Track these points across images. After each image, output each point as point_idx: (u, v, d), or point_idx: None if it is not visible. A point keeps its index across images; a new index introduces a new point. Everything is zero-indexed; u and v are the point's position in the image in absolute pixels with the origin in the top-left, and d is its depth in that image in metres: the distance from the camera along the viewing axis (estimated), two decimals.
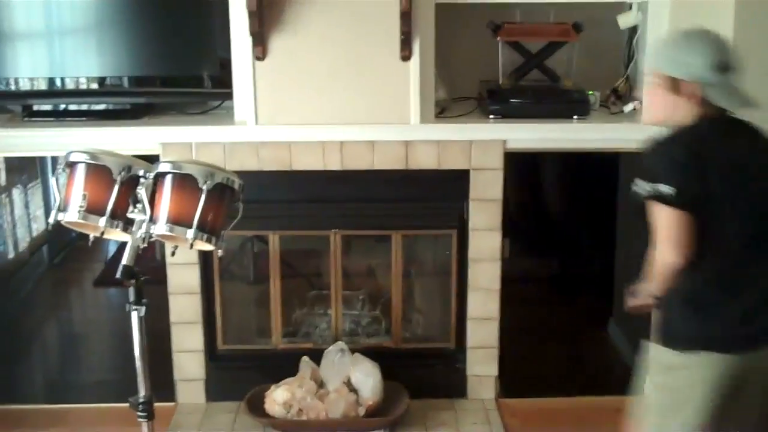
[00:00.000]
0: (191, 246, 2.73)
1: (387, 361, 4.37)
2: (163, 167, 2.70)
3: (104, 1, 4.30)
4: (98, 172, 2.67)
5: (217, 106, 4.35)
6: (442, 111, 4.30)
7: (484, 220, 4.30)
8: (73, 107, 4.40)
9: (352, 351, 4.36)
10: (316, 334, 4.62)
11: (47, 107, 4.37)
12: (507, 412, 4.42)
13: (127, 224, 2.72)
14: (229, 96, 4.18)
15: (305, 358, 4.34)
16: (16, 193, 5.48)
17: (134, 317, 2.67)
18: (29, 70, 4.34)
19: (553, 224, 4.64)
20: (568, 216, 4.65)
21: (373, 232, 4.48)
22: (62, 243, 6.31)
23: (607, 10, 4.31)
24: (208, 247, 2.76)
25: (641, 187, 2.85)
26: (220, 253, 2.78)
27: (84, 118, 4.34)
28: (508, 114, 4.23)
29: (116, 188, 2.65)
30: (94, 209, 2.65)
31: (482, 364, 4.48)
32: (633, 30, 4.36)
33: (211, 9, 4.17)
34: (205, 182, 2.67)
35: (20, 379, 4.86)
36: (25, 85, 4.33)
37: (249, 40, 3.94)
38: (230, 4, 4.00)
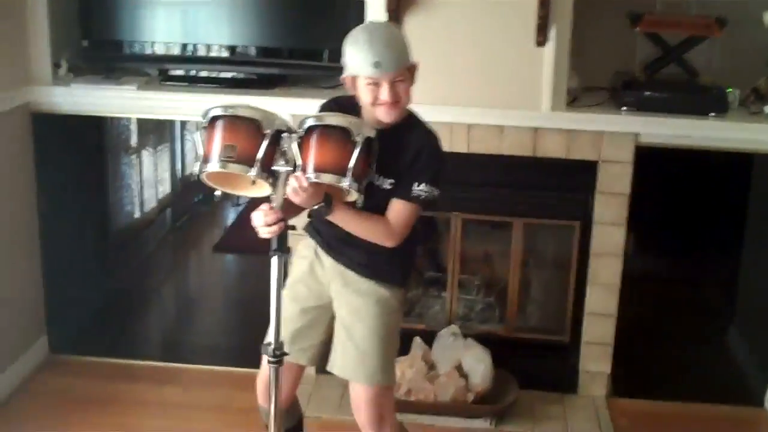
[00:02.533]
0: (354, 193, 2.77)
1: (499, 349, 4.32)
2: (311, 121, 2.73)
3: None
4: (246, 125, 2.69)
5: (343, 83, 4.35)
6: (574, 100, 4.22)
7: (610, 214, 4.20)
8: (203, 74, 4.47)
9: (465, 336, 4.33)
10: (429, 315, 4.60)
11: (180, 72, 4.44)
12: (617, 411, 4.32)
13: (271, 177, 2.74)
14: None
15: (417, 339, 4.33)
16: (146, 155, 5.62)
17: (274, 262, 2.69)
18: (165, 35, 4.42)
19: (680, 223, 4.54)
20: (695, 216, 4.54)
21: (495, 217, 4.43)
22: (185, 207, 6.48)
23: (753, 6, 4.19)
24: (355, 196, 2.78)
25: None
26: (359, 202, 2.79)
27: (215, 85, 4.39)
28: (641, 107, 4.13)
29: (266, 141, 2.67)
30: (243, 160, 2.67)
31: (596, 360, 4.40)
32: None
33: None
34: (358, 135, 2.71)
35: (139, 335, 4.98)
36: (160, 50, 4.40)
37: (385, 17, 3.92)
38: None
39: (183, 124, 6.25)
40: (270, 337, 2.76)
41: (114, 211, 5.32)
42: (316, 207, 2.76)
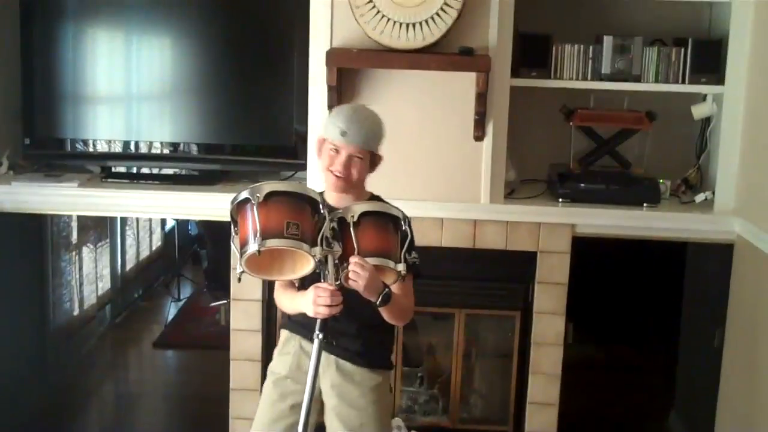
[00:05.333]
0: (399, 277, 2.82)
1: None
2: (365, 207, 2.79)
3: (182, 70, 4.42)
4: (303, 203, 2.70)
5: (289, 177, 4.39)
6: (512, 192, 4.31)
7: (550, 303, 4.26)
8: (146, 170, 4.49)
9: (409, 429, 4.32)
10: None
11: (122, 169, 4.46)
12: None
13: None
14: (302, 167, 4.23)
15: None
16: (86, 251, 5.58)
17: (316, 345, 2.70)
18: (107, 132, 4.45)
19: (619, 310, 4.61)
20: (634, 303, 4.61)
21: (436, 309, 4.46)
22: (125, 303, 6.43)
23: (681, 99, 4.33)
24: (392, 279, 2.83)
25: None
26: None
27: (157, 182, 4.42)
28: (577, 198, 4.23)
29: (326, 221, 2.70)
30: (305, 239, 2.68)
31: None
32: (706, 121, 4.36)
33: (289, 82, 4.25)
34: (404, 221, 2.83)
35: None
36: (102, 147, 4.42)
37: (326, 114, 3.99)
38: (310, 78, 4.08)
39: (124, 220, 6.24)
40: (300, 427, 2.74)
41: (54, 308, 5.26)
42: (379, 295, 2.79)
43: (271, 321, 4.31)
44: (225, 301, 4.42)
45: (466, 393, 4.58)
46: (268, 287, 4.18)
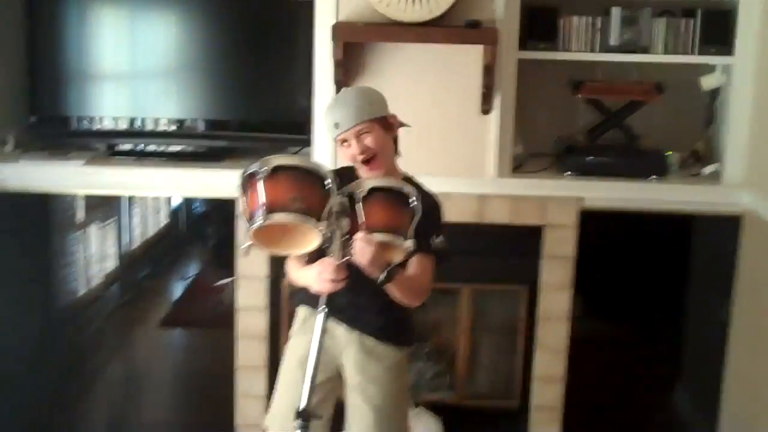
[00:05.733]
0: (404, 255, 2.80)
1: (449, 416, 4.33)
2: (374, 183, 2.76)
3: (187, 47, 4.41)
4: (310, 177, 2.68)
5: (296, 153, 4.37)
6: (519, 166, 4.29)
7: (556, 277, 4.26)
8: (152, 148, 4.48)
9: (415, 404, 4.33)
10: None
11: (128, 147, 4.45)
12: None
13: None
14: (307, 143, 4.22)
15: None
16: (93, 230, 5.57)
17: (320, 320, 2.69)
18: (112, 109, 4.43)
19: (625, 285, 4.60)
20: (640, 277, 4.60)
21: (442, 285, 4.44)
22: (132, 281, 6.43)
23: (689, 70, 4.31)
24: (400, 257, 2.81)
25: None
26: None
27: (163, 159, 4.41)
28: (584, 172, 4.21)
29: (333, 194, 2.68)
30: (311, 213, 2.66)
31: (546, 424, 4.41)
32: (715, 92, 4.34)
33: (295, 57, 4.23)
34: (413, 197, 2.77)
35: (86, 414, 4.89)
36: (108, 125, 4.41)
37: (332, 88, 3.98)
38: (315, 53, 4.05)
39: (130, 198, 6.23)
40: (302, 402, 2.67)
41: (60, 288, 5.26)
42: (381, 273, 2.77)
43: (278, 298, 4.30)
44: (231, 279, 4.41)
45: (472, 368, 4.58)
46: (274, 264, 4.17)
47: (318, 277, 2.73)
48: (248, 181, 2.69)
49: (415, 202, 2.78)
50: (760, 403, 3.98)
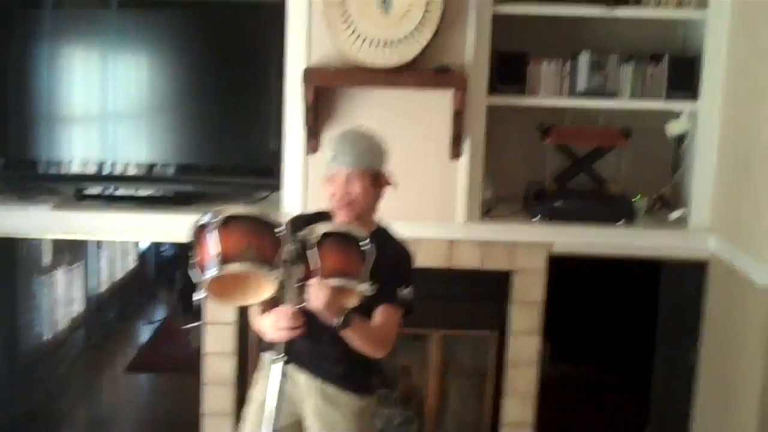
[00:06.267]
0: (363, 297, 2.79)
1: None
2: (326, 228, 2.75)
3: (157, 90, 4.41)
4: (261, 226, 2.67)
5: (265, 197, 4.37)
6: (488, 210, 4.30)
7: (525, 322, 4.26)
8: (120, 192, 4.45)
9: None
10: None
11: (97, 191, 4.42)
12: None
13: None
14: (276, 187, 4.21)
15: None
16: (60, 273, 5.52)
17: (278, 368, 2.68)
18: (81, 152, 4.40)
19: (594, 329, 4.61)
20: (609, 322, 4.62)
21: (411, 330, 4.44)
22: (98, 325, 6.36)
23: (656, 116, 4.35)
24: (355, 302, 2.80)
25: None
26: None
27: (132, 203, 4.38)
28: (553, 216, 4.24)
29: (286, 242, 2.66)
30: (264, 261, 2.64)
31: None
32: (682, 137, 4.38)
33: (265, 101, 4.24)
34: (365, 241, 2.76)
35: None
36: (76, 168, 4.37)
37: (302, 132, 3.98)
38: (286, 97, 4.07)
39: (98, 242, 6.18)
40: None
41: (23, 333, 5.19)
42: (337, 319, 2.76)
43: (245, 344, 4.27)
44: (199, 323, 4.38)
45: (441, 414, 4.56)
46: (242, 310, 4.14)
47: (274, 325, 2.74)
48: (199, 233, 2.68)
49: (368, 246, 2.77)
50: None
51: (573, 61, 4.22)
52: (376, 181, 3.02)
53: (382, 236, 3.02)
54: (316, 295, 2.69)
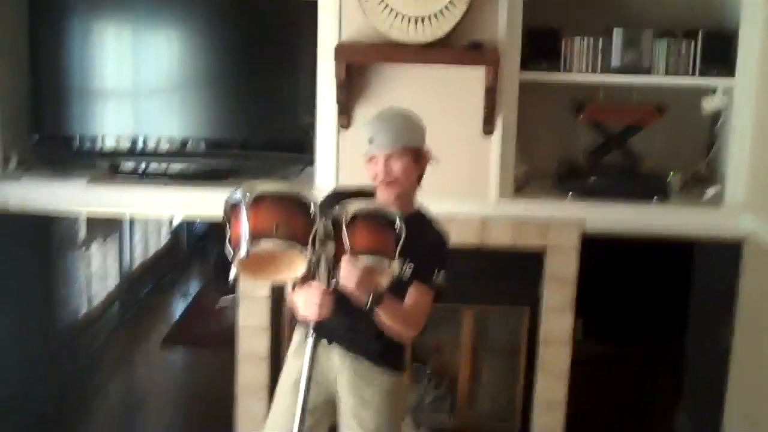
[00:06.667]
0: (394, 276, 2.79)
1: None
2: (358, 207, 2.75)
3: (190, 66, 4.42)
4: (293, 204, 2.67)
5: (299, 172, 4.37)
6: (521, 187, 4.28)
7: (558, 300, 4.24)
8: (154, 167, 4.46)
9: (417, 426, 4.31)
10: None
11: (130, 166, 4.44)
12: None
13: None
14: (310, 162, 4.22)
15: None
16: (95, 249, 5.57)
17: (310, 345, 2.71)
18: (115, 128, 4.44)
19: (627, 307, 4.58)
20: (641, 301, 4.59)
21: (444, 306, 4.43)
22: (133, 301, 6.42)
23: (691, 92, 4.30)
24: (387, 281, 2.79)
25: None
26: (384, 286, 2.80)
27: (165, 179, 4.40)
28: (586, 194, 4.21)
29: (317, 220, 2.67)
30: (296, 239, 2.64)
31: None
32: (717, 114, 4.34)
33: (297, 76, 4.24)
34: (397, 222, 2.76)
35: None
36: (110, 144, 4.40)
37: (335, 109, 3.99)
38: (318, 74, 4.07)
39: (132, 217, 6.22)
40: (295, 427, 2.72)
41: (60, 308, 5.25)
42: (370, 296, 2.75)
43: (279, 318, 4.29)
44: (232, 296, 4.40)
45: (473, 391, 4.56)
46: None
47: (305, 303, 2.74)
48: (232, 210, 2.68)
49: (400, 226, 2.76)
50: (761, 429, 3.96)
51: (607, 38, 4.18)
52: (416, 157, 3.01)
53: (420, 220, 3.02)
54: (348, 272, 2.68)
